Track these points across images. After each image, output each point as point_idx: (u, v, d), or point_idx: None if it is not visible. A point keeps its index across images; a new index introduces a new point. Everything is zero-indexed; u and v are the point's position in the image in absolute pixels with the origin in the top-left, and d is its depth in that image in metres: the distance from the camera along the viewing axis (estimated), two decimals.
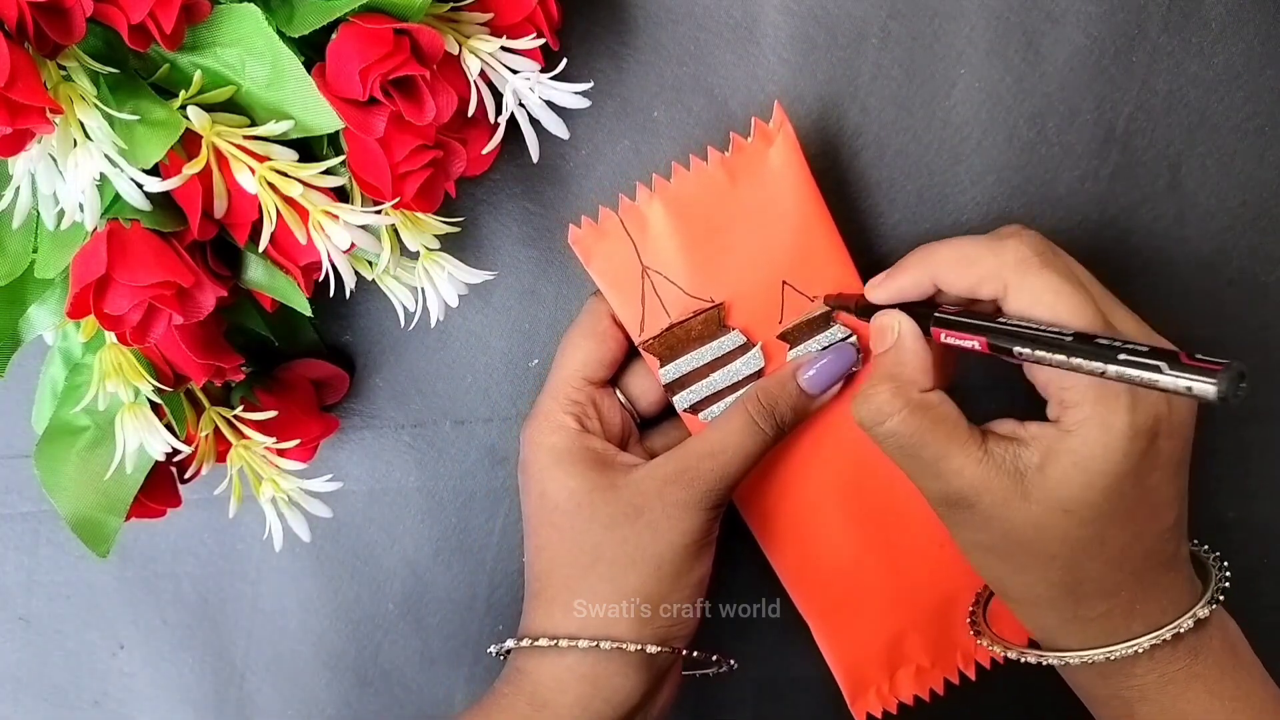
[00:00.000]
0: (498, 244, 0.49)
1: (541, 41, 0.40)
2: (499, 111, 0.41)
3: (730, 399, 0.46)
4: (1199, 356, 0.33)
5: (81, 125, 0.35)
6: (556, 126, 0.42)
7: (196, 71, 0.37)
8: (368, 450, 0.51)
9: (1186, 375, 0.33)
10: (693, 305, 0.45)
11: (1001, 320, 0.39)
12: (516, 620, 0.46)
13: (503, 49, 0.40)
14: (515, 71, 0.40)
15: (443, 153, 0.40)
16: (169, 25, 0.35)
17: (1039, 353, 0.37)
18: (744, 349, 0.46)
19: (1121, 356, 0.35)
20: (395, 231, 0.42)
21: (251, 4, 0.37)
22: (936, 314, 0.41)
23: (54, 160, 0.37)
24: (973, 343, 0.39)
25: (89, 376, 0.42)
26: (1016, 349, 0.38)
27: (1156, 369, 0.33)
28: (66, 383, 0.44)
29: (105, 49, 0.38)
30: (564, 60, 0.41)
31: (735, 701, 0.53)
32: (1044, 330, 0.37)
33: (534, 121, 0.42)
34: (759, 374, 0.46)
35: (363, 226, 0.39)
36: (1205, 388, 0.32)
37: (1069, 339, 0.36)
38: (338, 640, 0.53)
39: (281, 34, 0.38)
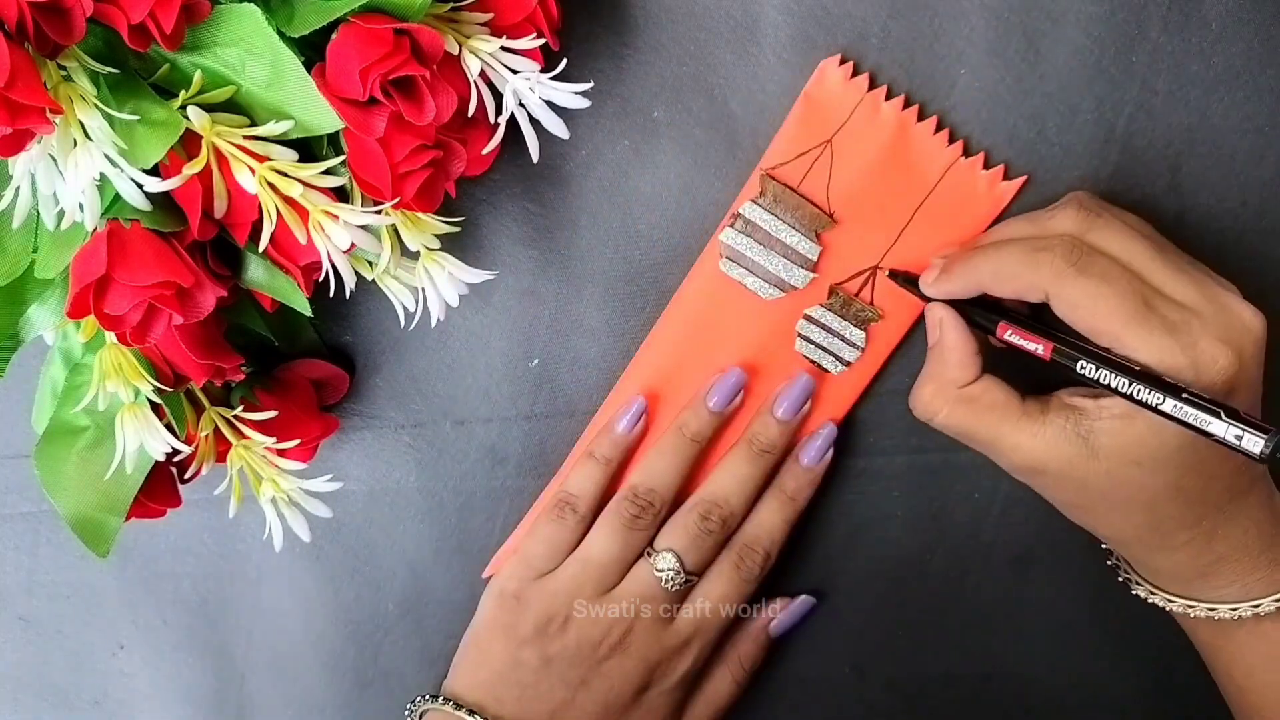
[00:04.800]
0: (498, 244, 0.49)
1: (541, 41, 0.40)
2: (499, 111, 0.41)
3: (759, 281, 0.47)
4: (1246, 415, 0.38)
5: (81, 125, 0.35)
6: (556, 126, 0.42)
7: (196, 71, 0.37)
8: (368, 450, 0.51)
9: (1240, 427, 0.37)
10: (819, 201, 0.47)
11: (1070, 335, 0.41)
12: None
13: (503, 49, 0.40)
14: (515, 71, 0.40)
15: (443, 153, 0.40)
16: (169, 25, 0.35)
17: (1102, 372, 0.40)
18: (804, 262, 0.47)
19: (1184, 395, 0.38)
20: (395, 231, 0.42)
21: (251, 4, 0.37)
22: (1008, 314, 0.43)
23: (54, 160, 0.37)
24: (1037, 347, 0.42)
25: (89, 376, 0.42)
26: (1080, 364, 0.40)
27: (1215, 414, 0.38)
28: (66, 383, 0.44)
29: (105, 49, 0.37)
30: (564, 60, 0.41)
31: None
32: (1113, 355, 0.40)
33: (534, 121, 0.42)
34: (787, 293, 0.47)
35: (363, 226, 0.39)
36: (1255, 442, 0.37)
37: (1136, 369, 0.40)
38: (338, 640, 0.53)
39: (281, 34, 0.38)
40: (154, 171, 0.37)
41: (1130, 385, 0.39)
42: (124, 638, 0.53)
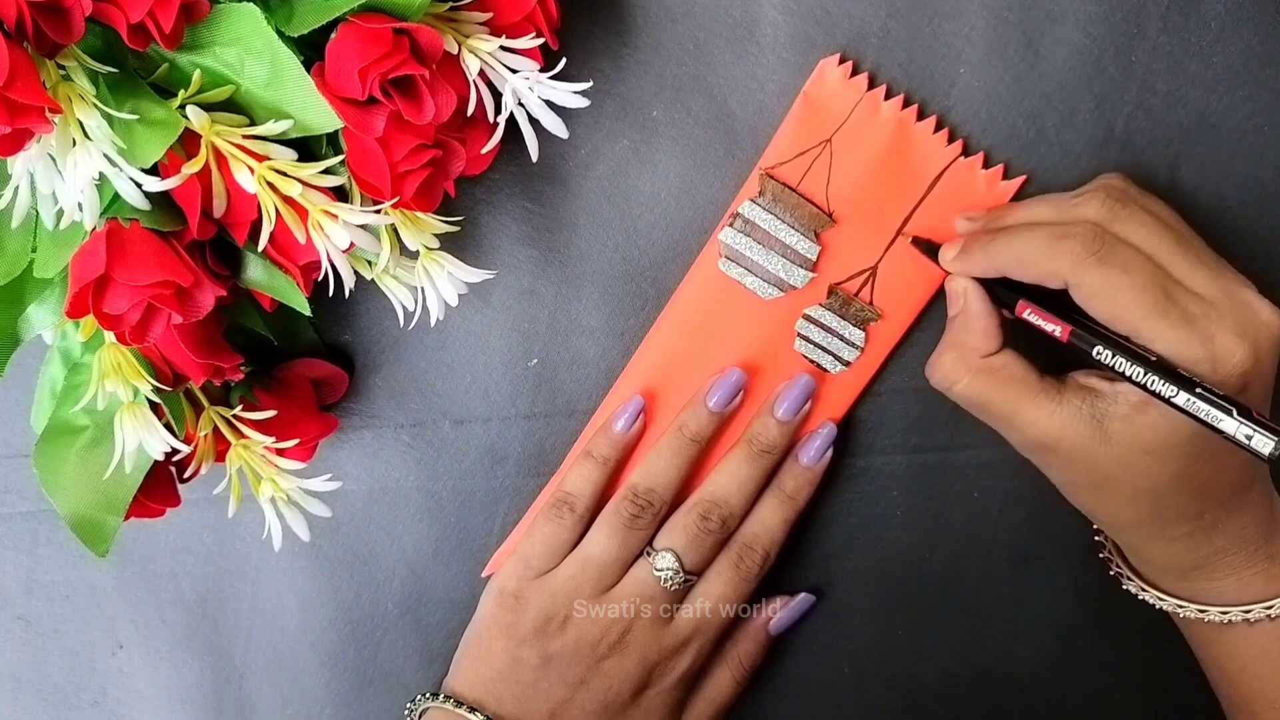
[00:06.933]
0: (497, 244, 0.49)
1: (541, 41, 0.40)
2: (498, 111, 0.41)
3: (758, 281, 0.47)
4: (1258, 414, 0.38)
5: (81, 125, 0.35)
6: (556, 126, 0.42)
7: (196, 71, 0.37)
8: (367, 450, 0.51)
9: (1250, 426, 0.38)
10: (818, 200, 0.47)
11: (1089, 319, 0.41)
12: None
13: (502, 48, 0.40)
14: (515, 71, 0.41)
15: (442, 152, 0.40)
16: (168, 25, 0.35)
17: (1119, 359, 0.40)
18: (803, 261, 0.47)
19: (1198, 390, 0.38)
20: (395, 231, 0.42)
21: (251, 4, 0.37)
22: (1028, 293, 0.43)
23: (53, 160, 0.37)
24: (1055, 328, 0.42)
25: (88, 376, 0.42)
26: (1097, 349, 0.40)
27: (1228, 411, 0.38)
28: (66, 382, 0.44)
29: (105, 48, 0.38)
30: (563, 60, 0.41)
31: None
32: (1131, 343, 0.40)
33: (533, 121, 0.42)
34: (787, 292, 0.47)
35: (362, 226, 0.39)
36: (1264, 442, 0.37)
37: (1153, 359, 0.39)
38: (338, 640, 0.53)
39: (281, 33, 0.38)
40: (153, 171, 0.37)
41: (1145, 375, 0.39)
42: (123, 637, 0.53)
